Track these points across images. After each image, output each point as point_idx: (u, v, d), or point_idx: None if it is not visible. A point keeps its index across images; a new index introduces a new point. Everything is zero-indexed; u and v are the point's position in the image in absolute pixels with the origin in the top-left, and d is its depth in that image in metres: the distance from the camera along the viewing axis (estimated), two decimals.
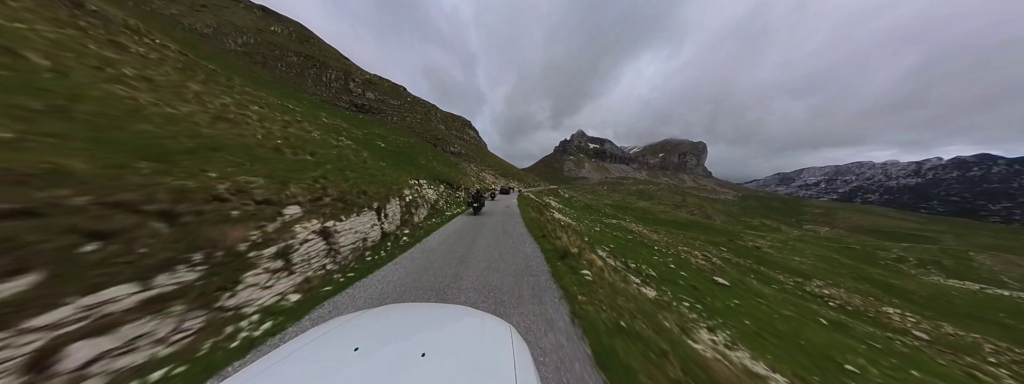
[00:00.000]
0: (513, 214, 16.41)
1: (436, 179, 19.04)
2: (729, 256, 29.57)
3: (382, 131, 34.62)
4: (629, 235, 22.54)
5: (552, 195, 55.75)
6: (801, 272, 35.84)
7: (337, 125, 22.77)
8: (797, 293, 21.09)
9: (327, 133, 15.26)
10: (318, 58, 59.39)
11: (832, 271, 45.50)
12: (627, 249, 14.57)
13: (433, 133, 61.50)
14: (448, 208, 16.26)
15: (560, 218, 18.11)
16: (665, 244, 24.36)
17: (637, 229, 28.92)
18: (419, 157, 24.41)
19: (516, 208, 21.19)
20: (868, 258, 79.73)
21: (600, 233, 18.72)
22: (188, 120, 6.18)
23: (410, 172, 16.61)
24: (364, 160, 12.81)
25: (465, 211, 15.99)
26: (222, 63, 33.69)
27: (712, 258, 21.18)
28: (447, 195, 18.33)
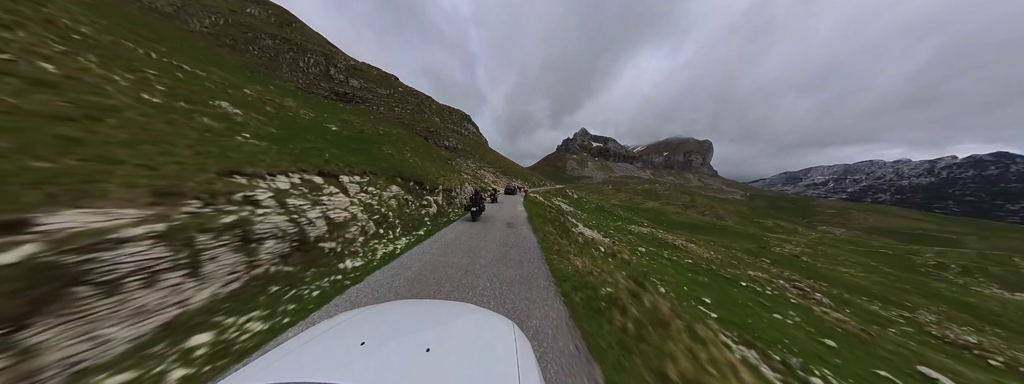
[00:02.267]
0: (519, 227, 11.84)
1: (397, 176, 12.32)
2: (796, 277, 22.65)
3: (353, 118, 27.89)
4: (673, 253, 15.72)
5: (560, 195, 48.92)
6: (869, 292, 29.02)
7: (263, 98, 16.11)
8: (928, 341, 14.24)
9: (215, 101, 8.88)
10: (296, 41, 52.90)
11: (892, 286, 38.62)
12: (722, 299, 7.86)
13: (425, 125, 54.94)
14: (408, 223, 9.82)
15: (586, 234, 11.44)
16: (721, 263, 17.60)
17: (674, 240, 22.08)
18: (385, 146, 17.73)
19: (523, 214, 15.56)
20: (906, 265, 72.51)
21: (647, 257, 12.01)
22: None
23: (329, 161, 9.93)
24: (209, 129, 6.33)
25: (462, 217, 13.36)
26: (172, 43, 27.31)
27: (805, 289, 14.34)
28: (414, 202, 11.84)
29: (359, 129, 21.42)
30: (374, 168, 11.39)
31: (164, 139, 5.55)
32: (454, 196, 15.83)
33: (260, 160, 6.64)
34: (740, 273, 15.49)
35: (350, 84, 54.16)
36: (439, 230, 10.15)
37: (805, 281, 21.87)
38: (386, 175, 11.65)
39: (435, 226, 10.93)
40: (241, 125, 9.16)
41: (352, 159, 11.38)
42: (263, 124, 10.50)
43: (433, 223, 11.51)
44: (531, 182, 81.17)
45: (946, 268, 72.65)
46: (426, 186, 13.51)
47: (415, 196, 12.20)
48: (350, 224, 7.16)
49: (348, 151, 13.06)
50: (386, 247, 7.53)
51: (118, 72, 7.68)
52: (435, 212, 12.83)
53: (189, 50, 30.26)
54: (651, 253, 13.84)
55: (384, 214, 8.92)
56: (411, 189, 12.36)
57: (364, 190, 9.29)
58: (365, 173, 10.13)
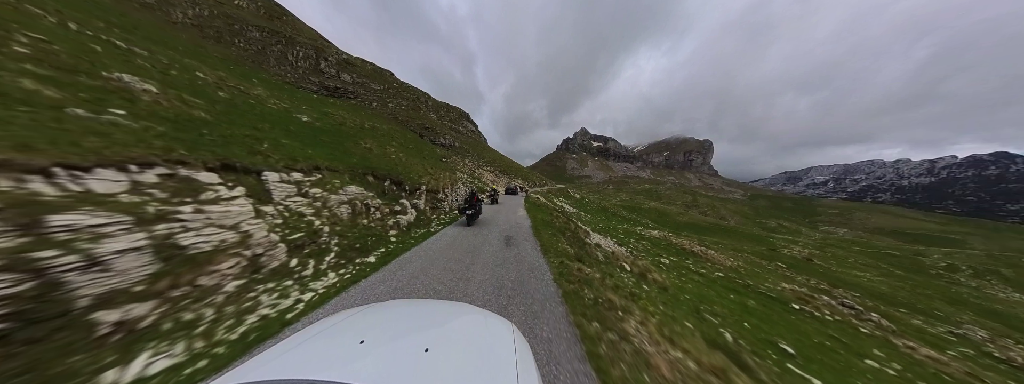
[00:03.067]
0: (521, 243, 9.01)
1: (369, 174, 10.01)
2: (834, 289, 20.40)
3: (337, 111, 25.55)
4: (695, 262, 13.51)
5: (562, 196, 46.66)
6: (894, 299, 26.89)
7: (220, 83, 13.83)
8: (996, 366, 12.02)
9: None
10: (284, 33, 50.48)
11: (913, 292, 36.55)
12: (794, 339, 5.54)
13: (420, 122, 52.58)
14: (357, 242, 7.19)
15: (603, 245, 9.21)
16: (748, 273, 15.38)
17: (691, 246, 19.82)
18: (364, 140, 15.42)
19: (526, 221, 12.97)
20: (916, 267, 70.74)
21: (674, 271, 9.75)
22: None
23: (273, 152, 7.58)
24: None
25: (453, 223, 11.49)
26: (147, 32, 24.92)
27: (857, 307, 12.07)
28: (382, 208, 9.35)
29: (339, 122, 19.13)
30: (337, 164, 9.13)
31: None
32: (442, 199, 13.46)
33: (81, 143, 4.11)
34: (775, 285, 13.25)
35: (341, 78, 51.77)
36: (407, 251, 7.36)
37: (835, 289, 19.64)
38: (352, 172, 9.37)
39: (403, 245, 7.93)
40: (151, 103, 6.86)
41: (310, 152, 9.11)
42: (194, 107, 8.19)
43: (401, 239, 8.52)
44: (531, 181, 78.89)
45: (957, 270, 70.77)
46: (405, 186, 11.19)
47: (387, 199, 9.78)
48: (221, 257, 4.26)
49: (310, 143, 10.77)
50: (282, 298, 4.35)
51: None
52: (411, 221, 10.17)
53: (166, 40, 27.90)
54: (675, 265, 11.61)
55: (316, 230, 6.31)
56: (385, 190, 10.07)
57: (304, 192, 6.97)
58: (317, 169, 7.84)
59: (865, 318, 10.83)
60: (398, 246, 7.87)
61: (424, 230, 10.20)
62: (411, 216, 10.13)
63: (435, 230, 10.31)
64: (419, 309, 1.91)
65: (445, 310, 1.90)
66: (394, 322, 1.62)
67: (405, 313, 1.79)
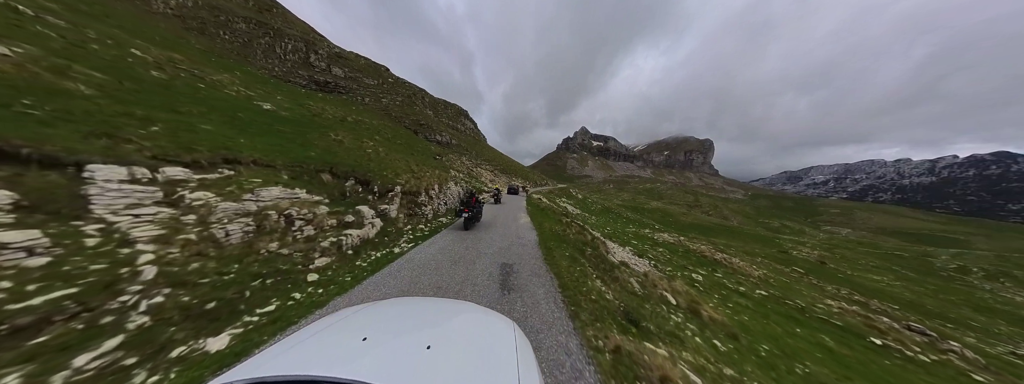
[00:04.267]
0: (523, 275, 6.08)
1: (327, 171, 7.76)
2: (865, 301, 18.23)
3: (318, 104, 23.28)
4: (726, 274, 11.32)
5: (564, 196, 44.45)
6: (923, 308, 24.81)
7: (162, 63, 11.59)
8: None
9: None
10: (272, 26, 48.15)
11: (936, 298, 34.51)
12: None
13: (415, 118, 50.28)
14: (212, 299, 3.90)
15: (632, 264, 6.90)
16: (780, 285, 13.22)
17: (713, 254, 17.64)
18: (336, 132, 13.18)
19: (530, 234, 10.31)
20: (926, 269, 68.93)
21: (710, 289, 7.48)
22: None
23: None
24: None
25: (435, 234, 9.02)
26: (121, 20, 22.66)
27: (930, 333, 9.88)
28: (323, 222, 6.65)
29: (315, 113, 16.90)
30: (277, 157, 6.94)
31: None
32: (423, 202, 11.20)
33: None
34: (819, 302, 11.08)
35: (332, 73, 49.45)
36: (320, 306, 4.27)
37: (871, 301, 17.47)
38: (298, 169, 7.15)
39: (322, 292, 4.76)
40: None
41: (242, 142, 6.93)
42: (75, 80, 5.95)
43: (331, 278, 5.33)
44: (532, 181, 76.69)
45: (968, 272, 68.90)
46: (374, 187, 8.92)
47: (339, 206, 7.45)
48: None
49: (255, 133, 8.56)
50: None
51: None
52: (368, 236, 7.35)
53: (142, 30, 25.63)
54: (708, 280, 9.46)
55: (124, 276, 3.47)
56: (347, 192, 7.85)
57: (175, 199, 4.66)
58: (231, 163, 5.63)
59: (945, 349, 8.73)
60: (309, 298, 4.54)
61: (383, 252, 7.02)
62: (370, 229, 7.43)
63: (400, 251, 7.20)
64: (421, 307, 1.92)
65: (446, 308, 1.91)
66: (396, 320, 1.62)
67: (407, 311, 1.78)
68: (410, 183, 10.69)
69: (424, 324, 1.58)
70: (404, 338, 1.38)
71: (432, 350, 1.23)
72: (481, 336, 1.51)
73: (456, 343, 1.37)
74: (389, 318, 1.63)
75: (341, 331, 1.41)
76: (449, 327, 1.57)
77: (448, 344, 1.32)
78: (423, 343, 1.28)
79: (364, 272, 5.69)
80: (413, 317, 1.67)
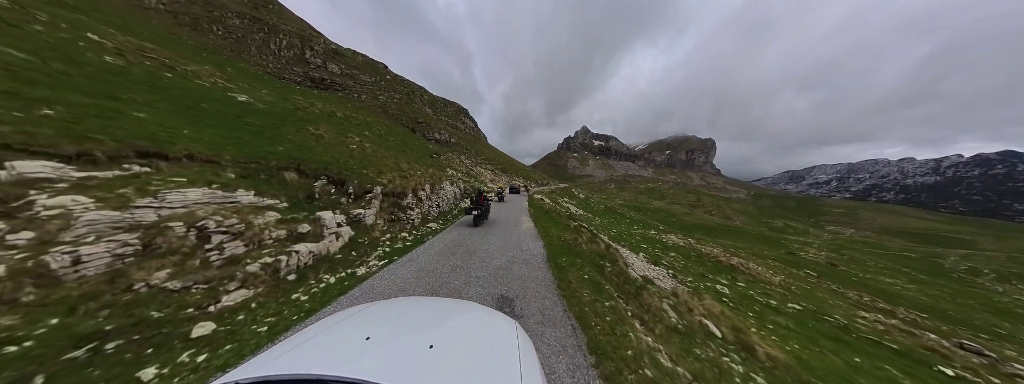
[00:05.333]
0: (545, 333, 3.95)
1: (293, 169, 6.54)
2: (891, 309, 16.97)
3: (305, 99, 22.13)
4: (749, 283, 10.09)
5: (566, 196, 43.23)
6: (944, 313, 23.54)
7: (125, 48, 10.44)
8: None
9: None
10: (267, 21, 47.04)
11: (953, 302, 33.18)
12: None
13: (413, 116, 49.11)
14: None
15: (661, 284, 5.50)
16: (803, 293, 12.00)
17: (729, 259, 16.41)
18: (317, 127, 12.00)
19: (534, 244, 8.75)
20: (935, 270, 67.57)
21: (740, 303, 6.19)
22: None
23: None
24: None
25: (415, 248, 7.75)
26: (106, 14, 21.52)
27: (989, 354, 8.65)
28: (270, 225, 5.18)
29: (299, 107, 15.73)
30: (228, 151, 5.76)
31: None
32: (410, 206, 9.84)
33: None
34: (859, 318, 9.85)
35: (328, 69, 48.31)
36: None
37: (897, 309, 16.22)
38: (255, 166, 5.98)
39: (198, 363, 2.87)
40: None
41: (187, 133, 5.76)
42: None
43: (227, 339, 3.33)
44: (533, 180, 75.47)
45: (979, 273, 67.51)
46: (348, 188, 7.69)
47: (298, 211, 6.08)
48: None
49: (213, 125, 7.38)
50: None
51: None
52: (328, 253, 5.77)
53: (130, 24, 24.54)
54: (732, 290, 8.26)
55: None
56: (316, 193, 6.67)
57: (19, 207, 3.19)
58: (157, 157, 4.45)
59: (1011, 372, 7.52)
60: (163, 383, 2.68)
61: (339, 276, 5.32)
62: (332, 242, 5.86)
63: (365, 273, 5.55)
64: (424, 306, 1.91)
65: (449, 308, 1.89)
66: (399, 319, 1.62)
67: (410, 310, 1.78)
68: (395, 183, 9.44)
69: (427, 324, 1.58)
70: (407, 337, 1.38)
71: (435, 349, 1.25)
72: (483, 336, 1.50)
73: (459, 342, 1.38)
74: (392, 317, 1.63)
75: (345, 330, 1.42)
76: (452, 327, 1.57)
77: (451, 343, 1.33)
78: (426, 342, 1.29)
79: (297, 312, 4.07)
80: (416, 317, 1.67)
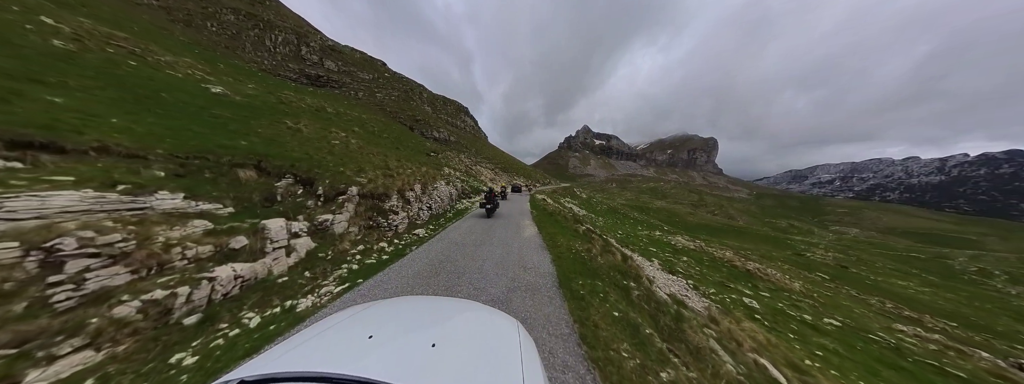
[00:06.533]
0: None
1: (251, 165, 5.46)
2: (917, 317, 15.82)
3: (295, 94, 21.13)
4: (771, 293, 8.95)
5: (568, 195, 42.09)
6: (966, 319, 22.37)
7: (82, 33, 9.43)
8: None
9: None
10: (262, 17, 46.05)
11: (972, 306, 31.96)
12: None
13: (412, 114, 48.06)
14: None
15: (697, 309, 4.25)
16: (825, 301, 10.92)
17: (745, 264, 15.31)
18: (297, 120, 10.96)
19: (540, 260, 7.07)
20: (945, 271, 66.14)
21: (779, 324, 4.99)
22: None
23: None
24: None
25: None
26: (93, 8, 20.55)
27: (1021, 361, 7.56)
28: (192, 238, 3.83)
29: (283, 102, 14.67)
30: (176, 145, 4.73)
31: None
32: (394, 209, 8.62)
33: None
34: (900, 332, 8.76)
35: (325, 66, 47.30)
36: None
37: (923, 316, 15.12)
38: (196, 161, 4.92)
39: None
40: None
41: (114, 121, 4.73)
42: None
43: None
44: (534, 180, 74.36)
45: (990, 275, 66.07)
46: (318, 188, 6.59)
47: (234, 220, 4.75)
48: None
49: (162, 115, 6.35)
50: None
51: None
52: (269, 273, 4.39)
53: (118, 19, 23.60)
54: (758, 300, 7.20)
55: None
56: (277, 194, 5.64)
57: None
58: (43, 150, 3.39)
59: None
60: None
61: (266, 316, 3.88)
62: (277, 261, 4.44)
63: (309, 307, 4.14)
64: (426, 305, 1.94)
65: (451, 307, 1.92)
66: (402, 318, 1.64)
67: (412, 309, 1.80)
68: (376, 182, 8.27)
69: (429, 322, 1.60)
70: (410, 336, 1.40)
71: (437, 348, 1.25)
72: (485, 335, 1.51)
73: (461, 341, 1.39)
74: (395, 316, 1.65)
75: (348, 329, 1.43)
76: (454, 325, 1.59)
77: (453, 342, 1.34)
78: (428, 341, 1.30)
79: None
80: (418, 315, 1.69)
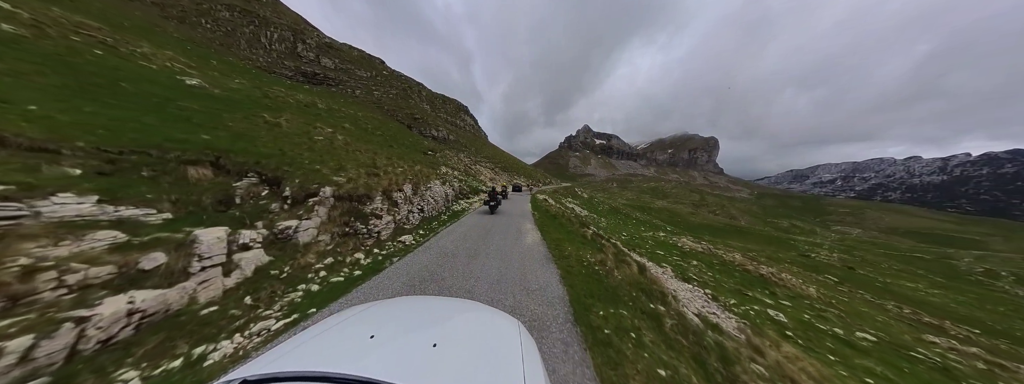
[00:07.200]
0: None
1: (207, 161, 4.63)
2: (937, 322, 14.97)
3: (285, 90, 20.34)
4: (792, 299, 8.07)
5: (570, 195, 41.26)
6: (982, 323, 21.54)
7: (51, 21, 8.62)
8: None
9: None
10: (258, 14, 45.24)
11: (983, 308, 31.14)
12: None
13: (410, 112, 47.24)
14: None
15: (730, 332, 3.24)
16: (846, 308, 10.10)
17: (758, 269, 14.47)
18: (276, 114, 10.16)
19: (548, 275, 5.80)
20: (951, 272, 65.25)
21: (813, 342, 4.06)
22: None
23: None
24: None
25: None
26: (83, 3, 19.78)
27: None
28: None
29: (268, 96, 13.86)
30: (105, 137, 3.92)
31: None
32: (377, 212, 7.60)
33: None
34: (937, 347, 7.94)
35: (321, 63, 46.49)
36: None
37: (943, 321, 14.28)
38: (133, 156, 4.13)
39: None
40: None
41: (33, 109, 3.91)
42: None
43: None
44: (535, 179, 73.53)
45: (997, 276, 65.15)
46: (284, 189, 5.74)
47: (165, 230, 3.60)
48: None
49: (110, 106, 5.56)
50: None
51: None
52: (193, 301, 3.20)
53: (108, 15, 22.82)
54: (791, 317, 6.40)
55: None
56: (231, 196, 4.83)
57: None
58: None
59: None
60: None
61: (153, 378, 2.61)
62: (206, 285, 3.42)
63: (228, 355, 3.01)
64: (427, 305, 1.93)
65: (452, 307, 1.91)
66: (403, 318, 1.64)
67: (414, 309, 1.80)
68: (357, 182, 7.40)
69: (430, 322, 1.59)
70: (411, 336, 1.39)
71: (438, 348, 1.25)
72: (486, 335, 1.51)
73: (462, 341, 1.39)
74: (396, 316, 1.65)
75: (349, 329, 1.43)
76: (455, 325, 1.58)
77: (454, 342, 1.34)
78: (429, 341, 1.30)
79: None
80: (420, 315, 1.69)
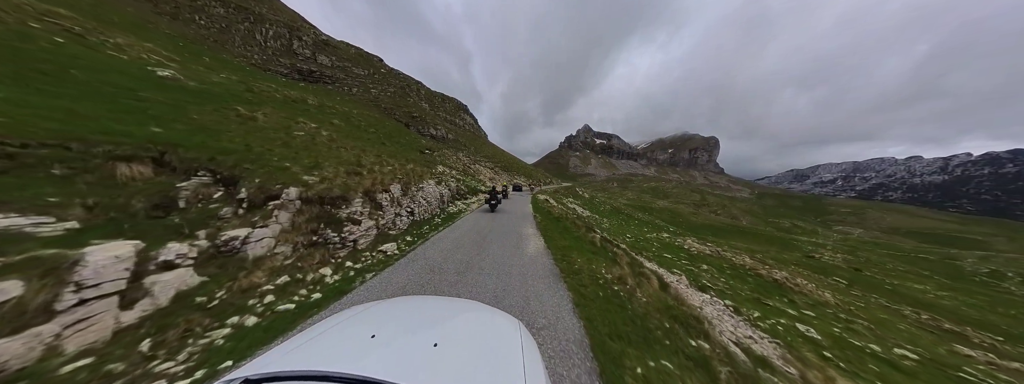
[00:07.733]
0: None
1: (147, 157, 3.83)
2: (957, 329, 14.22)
3: (276, 86, 19.58)
4: (814, 307, 7.27)
5: (571, 195, 40.50)
6: (996, 327, 20.81)
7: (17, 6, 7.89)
8: None
9: None
10: (253, 10, 44.46)
11: (995, 310, 30.39)
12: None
13: (408, 110, 46.47)
14: None
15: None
16: (869, 318, 9.36)
17: (771, 273, 13.72)
18: (246, 106, 9.42)
19: (550, 285, 5.00)
20: (955, 273, 64.37)
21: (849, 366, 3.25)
22: None
23: None
24: None
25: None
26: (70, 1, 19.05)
27: None
28: None
29: (252, 90, 13.10)
30: (16, 130, 3.17)
31: None
32: (355, 217, 6.64)
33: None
34: (955, 353, 7.21)
35: (318, 61, 45.72)
36: None
37: (964, 327, 13.51)
38: (42, 150, 3.38)
39: None
40: None
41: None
42: None
43: None
44: (535, 179, 72.79)
45: (1003, 277, 64.24)
46: (240, 189, 4.91)
47: (84, 240, 2.94)
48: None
49: (45, 94, 4.79)
50: None
51: None
52: (70, 349, 2.28)
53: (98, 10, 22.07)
54: (820, 330, 5.66)
55: None
56: (175, 200, 4.08)
57: None
58: None
59: None
60: None
61: None
62: (83, 328, 2.37)
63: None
64: (428, 305, 1.92)
65: (453, 306, 1.91)
66: (404, 318, 1.63)
67: (414, 309, 1.79)
68: (333, 182, 6.50)
69: (431, 322, 1.59)
70: (412, 336, 1.39)
71: (439, 348, 1.25)
72: (487, 335, 1.51)
73: (463, 341, 1.39)
74: (397, 316, 1.64)
75: (351, 328, 1.43)
76: (456, 325, 1.58)
77: (455, 342, 1.34)
78: (430, 341, 1.30)
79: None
80: (421, 315, 1.69)
